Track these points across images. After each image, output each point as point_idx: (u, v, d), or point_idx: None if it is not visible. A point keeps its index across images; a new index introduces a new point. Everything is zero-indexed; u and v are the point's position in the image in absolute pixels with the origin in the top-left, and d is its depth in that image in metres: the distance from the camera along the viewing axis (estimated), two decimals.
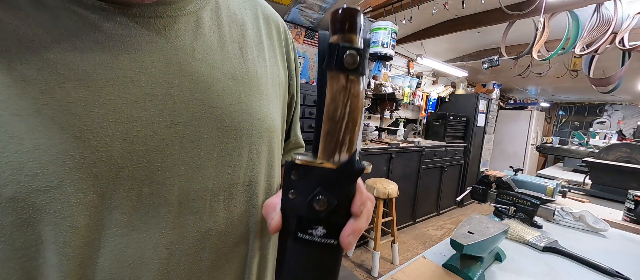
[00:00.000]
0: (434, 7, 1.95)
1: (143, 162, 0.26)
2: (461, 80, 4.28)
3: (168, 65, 0.28)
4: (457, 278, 0.58)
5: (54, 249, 0.23)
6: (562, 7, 1.89)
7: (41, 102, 0.22)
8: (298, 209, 0.24)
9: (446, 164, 3.32)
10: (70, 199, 0.23)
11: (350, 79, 0.21)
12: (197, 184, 0.30)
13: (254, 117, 0.34)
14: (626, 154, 1.70)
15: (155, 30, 0.28)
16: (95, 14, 0.25)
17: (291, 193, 0.24)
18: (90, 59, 0.24)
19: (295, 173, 0.24)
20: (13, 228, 0.22)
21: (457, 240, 0.54)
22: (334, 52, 0.21)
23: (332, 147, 0.23)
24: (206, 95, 0.30)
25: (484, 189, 0.96)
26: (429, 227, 3.10)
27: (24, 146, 0.21)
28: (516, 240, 0.77)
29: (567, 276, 0.62)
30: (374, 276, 2.06)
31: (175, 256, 0.29)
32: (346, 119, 0.22)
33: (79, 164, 0.23)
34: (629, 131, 5.28)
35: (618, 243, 0.82)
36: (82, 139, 0.23)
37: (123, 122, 0.25)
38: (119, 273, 0.26)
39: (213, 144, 0.30)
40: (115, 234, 0.26)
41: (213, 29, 0.32)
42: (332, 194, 0.23)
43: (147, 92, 0.26)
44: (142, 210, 0.27)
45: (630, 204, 1.01)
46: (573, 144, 3.76)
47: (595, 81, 2.20)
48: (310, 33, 2.40)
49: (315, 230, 0.24)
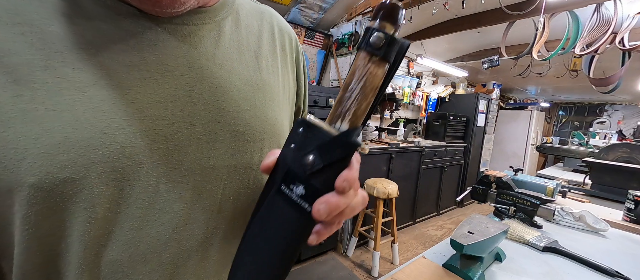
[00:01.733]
0: (434, 7, 1.95)
1: (162, 160, 0.28)
2: (461, 80, 4.28)
3: (190, 69, 0.30)
4: (457, 278, 0.58)
5: (75, 237, 0.25)
6: (562, 7, 1.89)
7: (75, 99, 0.24)
8: (290, 160, 0.25)
9: (446, 164, 3.32)
10: (93, 190, 0.24)
11: (372, 59, 0.23)
12: (210, 183, 0.31)
13: (266, 122, 0.36)
14: (626, 154, 1.70)
15: (181, 37, 0.30)
16: (127, 19, 0.27)
17: (292, 146, 0.25)
18: (121, 60, 0.26)
19: (302, 129, 0.25)
20: (38, 216, 0.23)
21: (457, 240, 0.54)
22: (366, 33, 0.23)
23: (337, 113, 0.24)
24: (224, 99, 0.32)
25: (484, 189, 0.96)
26: (429, 227, 3.10)
27: (55, 139, 0.23)
28: (516, 240, 0.77)
29: (567, 276, 0.62)
30: (374, 276, 2.06)
31: (185, 252, 0.30)
32: (357, 92, 0.23)
33: (103, 158, 0.25)
34: (629, 131, 5.28)
35: (618, 243, 0.82)
36: (108, 134, 0.25)
37: (147, 121, 0.27)
38: (132, 266, 0.27)
39: (227, 145, 0.32)
40: (130, 228, 0.27)
41: (232, 38, 0.35)
42: (321, 157, 0.23)
43: (171, 93, 0.28)
44: (158, 206, 0.28)
45: (630, 204, 1.01)
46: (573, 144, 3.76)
47: (595, 81, 2.20)
48: (310, 33, 2.40)
49: (296, 187, 0.24)
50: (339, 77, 2.46)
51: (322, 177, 0.24)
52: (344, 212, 0.25)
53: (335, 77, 2.51)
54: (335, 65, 2.50)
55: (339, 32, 2.47)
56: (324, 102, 2.12)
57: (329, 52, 2.56)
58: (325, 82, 2.65)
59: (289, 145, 0.25)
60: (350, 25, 2.34)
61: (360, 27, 2.26)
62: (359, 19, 2.28)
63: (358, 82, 0.23)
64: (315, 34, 2.44)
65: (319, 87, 2.33)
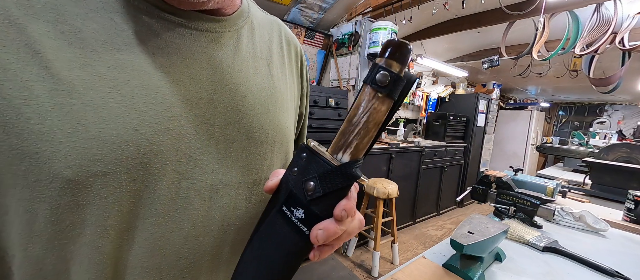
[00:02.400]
0: (434, 7, 1.95)
1: (185, 157, 0.29)
2: (461, 80, 4.28)
3: (213, 74, 0.32)
4: (457, 278, 0.58)
5: (98, 232, 0.25)
6: (562, 7, 1.89)
7: (109, 96, 0.25)
8: (292, 184, 0.26)
9: (446, 164, 3.31)
10: (122, 185, 0.26)
11: (377, 95, 0.24)
12: (226, 182, 0.33)
13: (277, 126, 0.38)
14: (626, 154, 1.70)
15: (205, 43, 0.31)
16: (158, 23, 0.28)
17: (294, 170, 0.26)
18: (152, 61, 0.28)
19: (304, 155, 0.26)
20: (65, 209, 0.24)
21: (457, 240, 0.54)
22: (372, 69, 0.24)
23: (340, 144, 0.25)
24: (241, 103, 0.34)
25: (484, 189, 0.96)
26: (429, 227, 3.10)
27: (90, 134, 0.24)
28: (516, 240, 0.77)
29: (567, 276, 0.62)
30: (374, 276, 2.06)
31: (201, 247, 0.32)
32: (360, 126, 0.24)
33: (133, 154, 0.26)
34: (629, 131, 5.28)
35: (618, 243, 0.82)
36: (139, 131, 0.26)
37: (174, 120, 0.28)
38: (151, 260, 0.28)
39: (242, 147, 0.34)
40: (152, 224, 0.28)
41: (249, 46, 0.37)
42: (322, 185, 0.24)
43: (195, 95, 0.30)
44: (179, 202, 0.29)
45: (630, 204, 1.01)
46: (573, 144, 3.75)
47: (595, 81, 2.20)
48: (310, 33, 2.40)
49: (297, 210, 0.25)
50: (338, 77, 2.46)
51: (322, 204, 0.25)
52: (341, 237, 0.26)
53: (335, 77, 2.51)
54: (335, 65, 2.50)
55: (339, 32, 2.47)
56: (324, 102, 2.12)
57: (329, 52, 2.56)
58: (325, 82, 2.65)
59: (292, 168, 0.27)
60: (350, 25, 2.34)
61: (360, 27, 2.26)
62: (359, 19, 2.28)
63: (362, 116, 0.24)
64: (315, 34, 2.44)
65: (319, 87, 2.33)
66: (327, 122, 2.15)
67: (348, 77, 2.38)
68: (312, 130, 2.06)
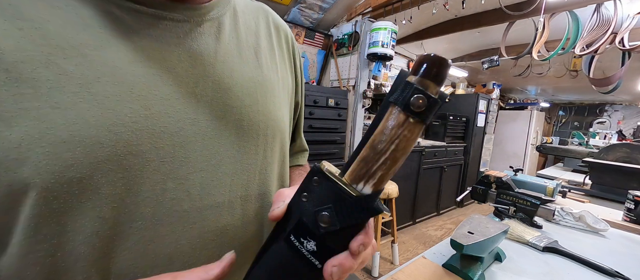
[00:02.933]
0: (434, 7, 1.95)
1: (168, 157, 0.27)
2: (461, 80, 4.28)
3: (193, 66, 0.29)
4: (457, 278, 0.58)
5: (81, 239, 0.24)
6: (562, 7, 1.89)
7: (79, 96, 0.23)
8: (303, 212, 0.23)
9: (446, 164, 3.31)
10: (100, 189, 0.24)
11: (409, 121, 0.20)
12: (218, 180, 0.31)
13: (269, 118, 0.36)
14: (626, 154, 1.70)
15: (183, 33, 0.29)
16: (129, 15, 0.26)
17: (304, 195, 0.24)
18: (124, 56, 0.26)
19: (317, 179, 0.23)
20: (41, 218, 0.22)
21: (457, 240, 0.54)
22: (406, 89, 0.19)
23: (361, 173, 0.21)
24: (227, 96, 0.32)
25: (484, 189, 0.96)
26: (429, 227, 3.10)
27: (59, 137, 0.22)
28: (516, 240, 0.77)
29: (567, 276, 0.62)
30: (374, 276, 2.06)
31: (196, 251, 0.30)
32: (387, 156, 0.21)
33: (110, 156, 0.24)
34: (629, 131, 5.28)
35: (618, 243, 0.82)
36: (114, 131, 0.24)
37: (152, 118, 0.26)
38: (141, 266, 0.27)
39: (232, 142, 0.32)
40: (139, 227, 0.26)
41: (232, 35, 0.34)
42: (338, 217, 0.22)
43: (174, 90, 0.28)
44: (167, 204, 0.27)
45: (630, 204, 1.01)
46: (573, 144, 3.76)
47: (595, 81, 2.20)
48: (310, 33, 2.39)
49: (307, 242, 0.23)
50: (339, 77, 2.46)
51: (337, 238, 0.22)
52: (354, 269, 0.24)
53: (335, 77, 2.51)
54: (335, 66, 2.50)
55: (339, 32, 2.47)
56: (323, 102, 2.11)
57: (329, 52, 2.56)
58: (325, 82, 2.64)
59: (301, 193, 0.24)
60: (350, 25, 2.34)
61: (360, 27, 2.25)
62: (359, 19, 2.28)
63: (390, 144, 0.20)
64: (315, 34, 2.44)
65: (319, 87, 2.33)
66: (327, 122, 2.14)
67: (348, 77, 2.38)
68: (312, 130, 2.05)
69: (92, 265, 0.24)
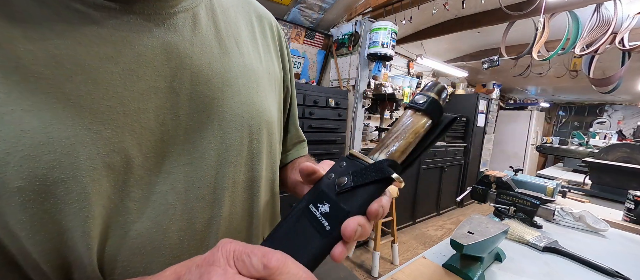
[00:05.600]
0: (434, 7, 1.95)
1: (152, 153, 0.27)
2: (461, 80, 4.28)
3: (169, 59, 0.29)
4: (457, 278, 0.58)
5: (77, 238, 0.24)
6: (562, 7, 1.89)
7: (52, 97, 0.23)
8: (325, 185, 0.27)
9: (446, 164, 3.31)
10: (86, 189, 0.24)
11: (415, 113, 0.28)
12: (202, 172, 0.31)
13: (252, 108, 0.35)
14: (626, 154, 1.70)
15: (155, 27, 0.28)
16: (96, 11, 0.25)
17: (331, 175, 0.27)
18: (95, 53, 0.25)
19: (344, 163, 0.28)
20: (34, 221, 0.22)
21: (457, 240, 0.54)
22: (413, 99, 0.29)
23: (378, 147, 0.28)
24: (206, 88, 0.31)
25: (484, 189, 0.96)
26: (429, 227, 3.09)
27: (36, 140, 0.22)
28: (516, 240, 0.77)
29: (567, 276, 0.62)
30: (374, 276, 2.06)
31: (184, 242, 0.30)
32: (399, 133, 0.28)
33: (92, 155, 0.24)
34: (629, 131, 5.28)
35: (618, 243, 0.82)
36: (93, 130, 0.24)
37: (131, 114, 0.26)
38: (131, 260, 0.27)
39: (215, 134, 0.32)
40: (127, 222, 0.26)
41: (209, 25, 0.33)
42: (353, 179, 0.25)
43: (151, 85, 0.27)
44: (153, 198, 0.28)
45: (630, 204, 1.01)
46: (573, 144, 3.75)
47: (595, 81, 2.20)
48: (310, 33, 2.39)
49: (322, 205, 0.25)
50: (339, 77, 2.46)
51: (352, 200, 0.24)
52: (367, 233, 0.24)
53: (335, 77, 2.51)
54: (335, 66, 2.50)
55: (339, 32, 2.47)
56: (324, 102, 2.11)
57: (329, 52, 2.56)
58: (325, 82, 2.64)
59: (329, 174, 0.28)
60: (350, 25, 2.34)
61: (360, 27, 2.25)
62: (359, 19, 2.28)
63: (401, 126, 0.28)
64: (315, 34, 2.44)
65: (319, 87, 2.33)
66: (327, 122, 2.14)
67: (348, 77, 2.38)
68: (312, 130, 2.05)
69: (90, 263, 0.25)
